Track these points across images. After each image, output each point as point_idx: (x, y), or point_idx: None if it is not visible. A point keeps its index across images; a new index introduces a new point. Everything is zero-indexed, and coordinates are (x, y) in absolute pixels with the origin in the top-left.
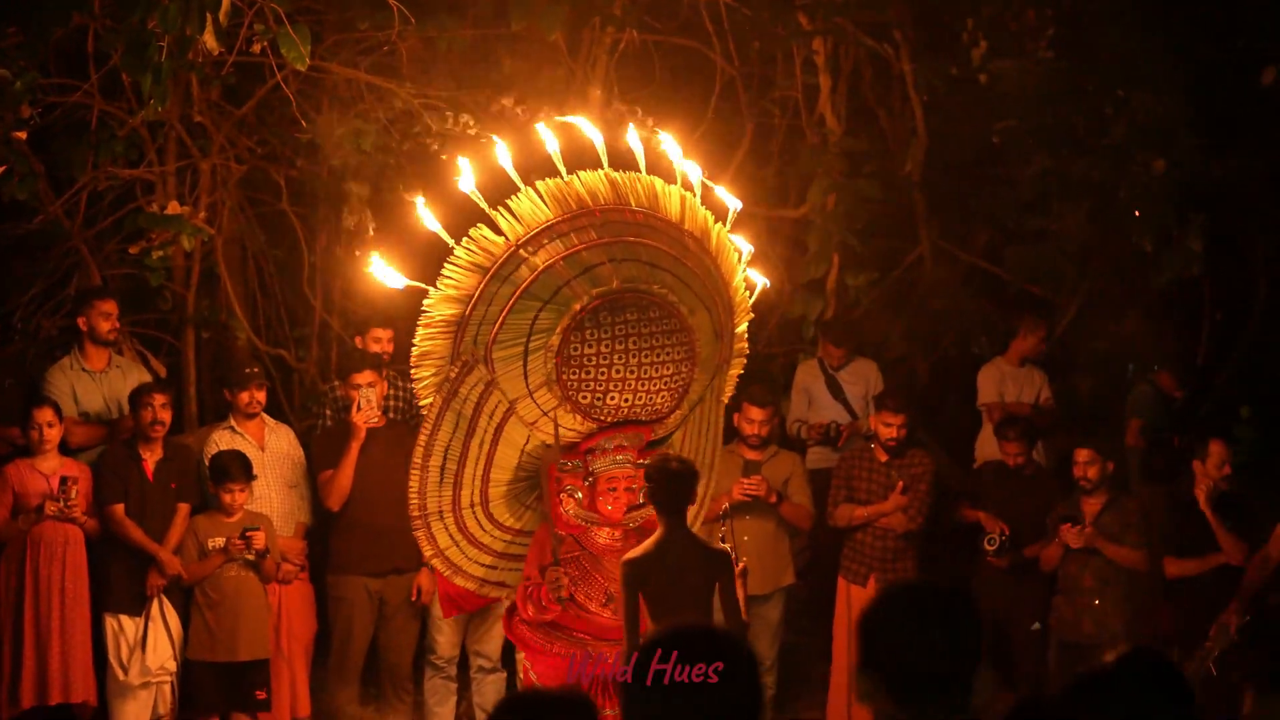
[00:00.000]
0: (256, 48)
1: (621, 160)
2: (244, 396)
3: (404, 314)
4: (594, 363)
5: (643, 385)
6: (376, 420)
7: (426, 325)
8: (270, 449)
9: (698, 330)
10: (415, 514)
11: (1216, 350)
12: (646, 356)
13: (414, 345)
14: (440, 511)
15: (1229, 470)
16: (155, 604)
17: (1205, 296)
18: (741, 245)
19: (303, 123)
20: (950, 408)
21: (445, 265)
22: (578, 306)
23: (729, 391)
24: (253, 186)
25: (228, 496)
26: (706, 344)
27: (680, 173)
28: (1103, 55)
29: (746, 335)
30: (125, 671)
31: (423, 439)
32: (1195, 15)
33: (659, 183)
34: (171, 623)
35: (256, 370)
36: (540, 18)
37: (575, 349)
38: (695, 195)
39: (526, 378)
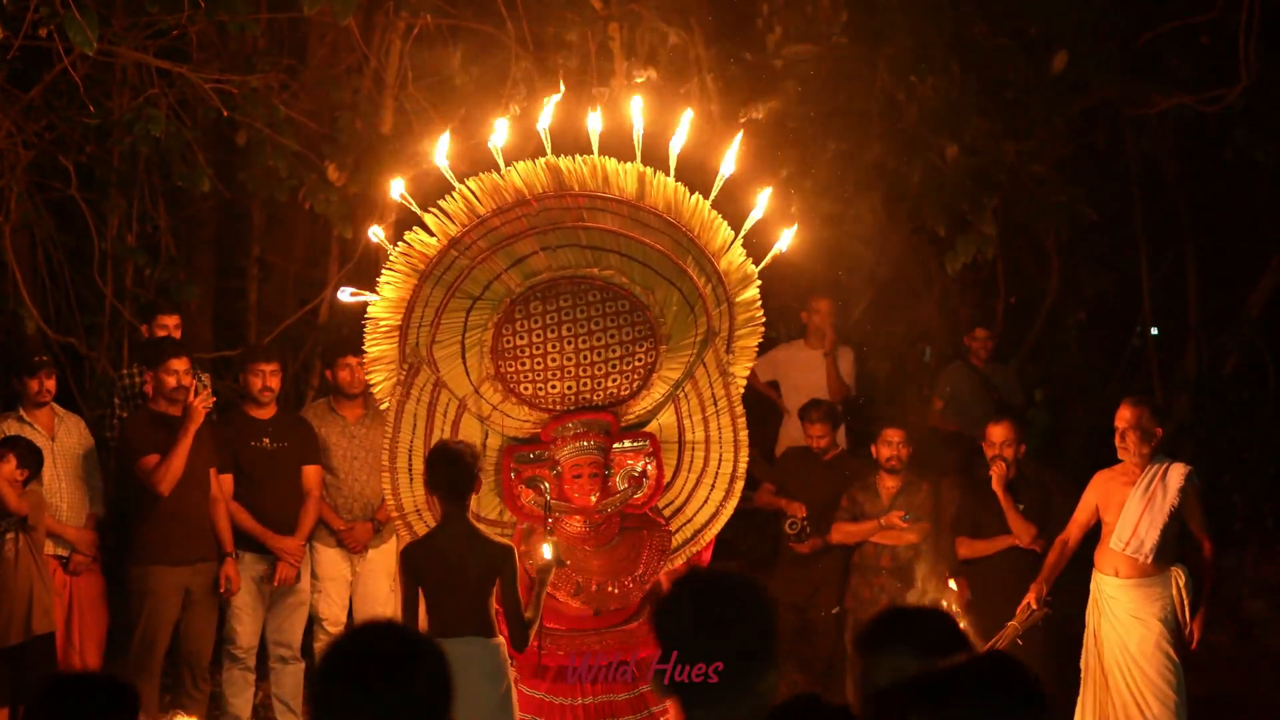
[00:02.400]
0: (43, 32)
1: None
2: (33, 385)
3: (195, 300)
4: (528, 353)
5: (585, 370)
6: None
7: (372, 332)
8: (60, 439)
9: (659, 308)
10: (395, 514)
11: (1010, 333)
12: (584, 341)
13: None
14: (418, 510)
15: (1015, 452)
16: None
17: (999, 280)
18: (759, 209)
19: (91, 108)
20: (749, 392)
21: (382, 271)
22: (508, 299)
23: (744, 363)
24: (41, 172)
25: None
26: (675, 320)
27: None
28: (894, 41)
29: (758, 303)
30: None
31: (386, 441)
32: (986, 2)
33: (610, 162)
34: None
35: (45, 359)
36: (333, 1)
37: (508, 341)
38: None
39: (468, 375)
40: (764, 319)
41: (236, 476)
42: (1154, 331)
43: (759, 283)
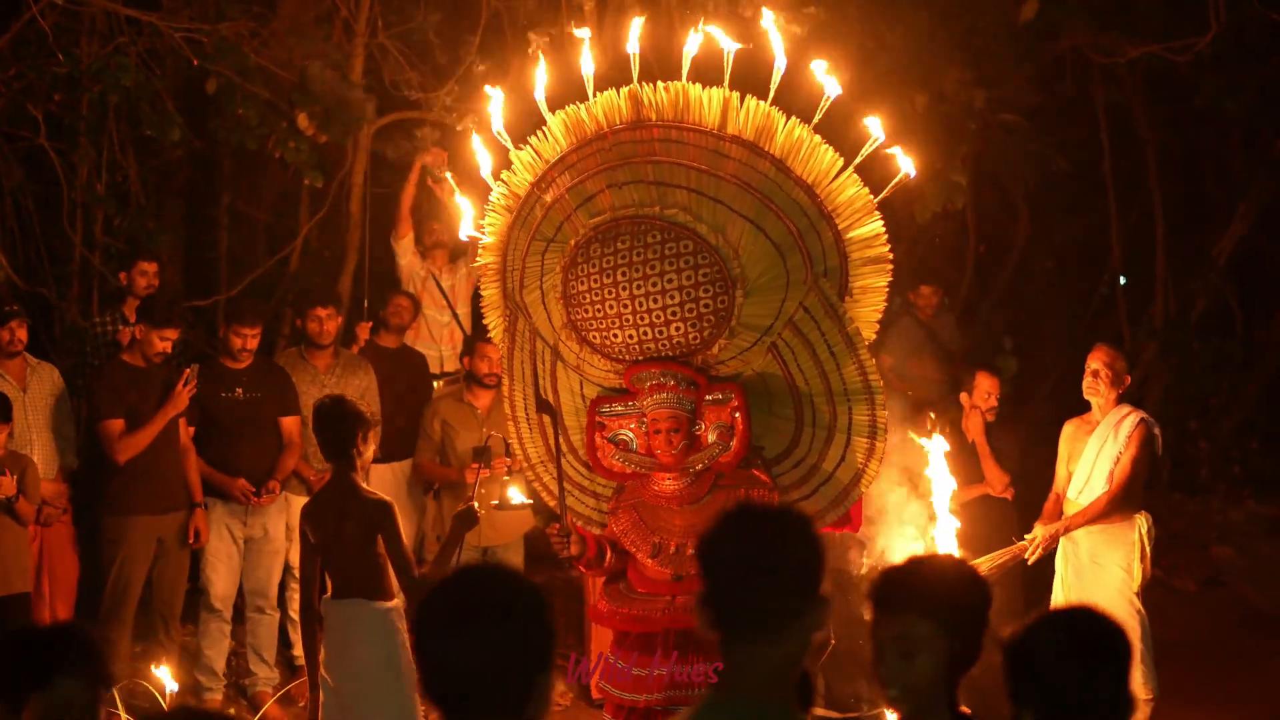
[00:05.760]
0: None
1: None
2: (4, 335)
3: (165, 249)
4: (589, 299)
5: (643, 318)
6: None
7: (483, 274)
8: (32, 389)
9: (732, 248)
10: (524, 465)
11: (980, 282)
12: (639, 287)
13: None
14: (543, 461)
15: (995, 402)
16: None
17: (969, 229)
18: (874, 130)
19: (60, 56)
20: None
21: (486, 212)
22: (573, 241)
23: (870, 304)
24: (9, 122)
25: None
26: (755, 261)
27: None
28: None
29: (882, 238)
30: None
31: (505, 390)
32: None
33: (693, 89)
34: None
35: (16, 308)
36: None
37: (573, 287)
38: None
39: (550, 321)
40: (890, 256)
41: (207, 427)
42: (1122, 280)
43: (878, 216)
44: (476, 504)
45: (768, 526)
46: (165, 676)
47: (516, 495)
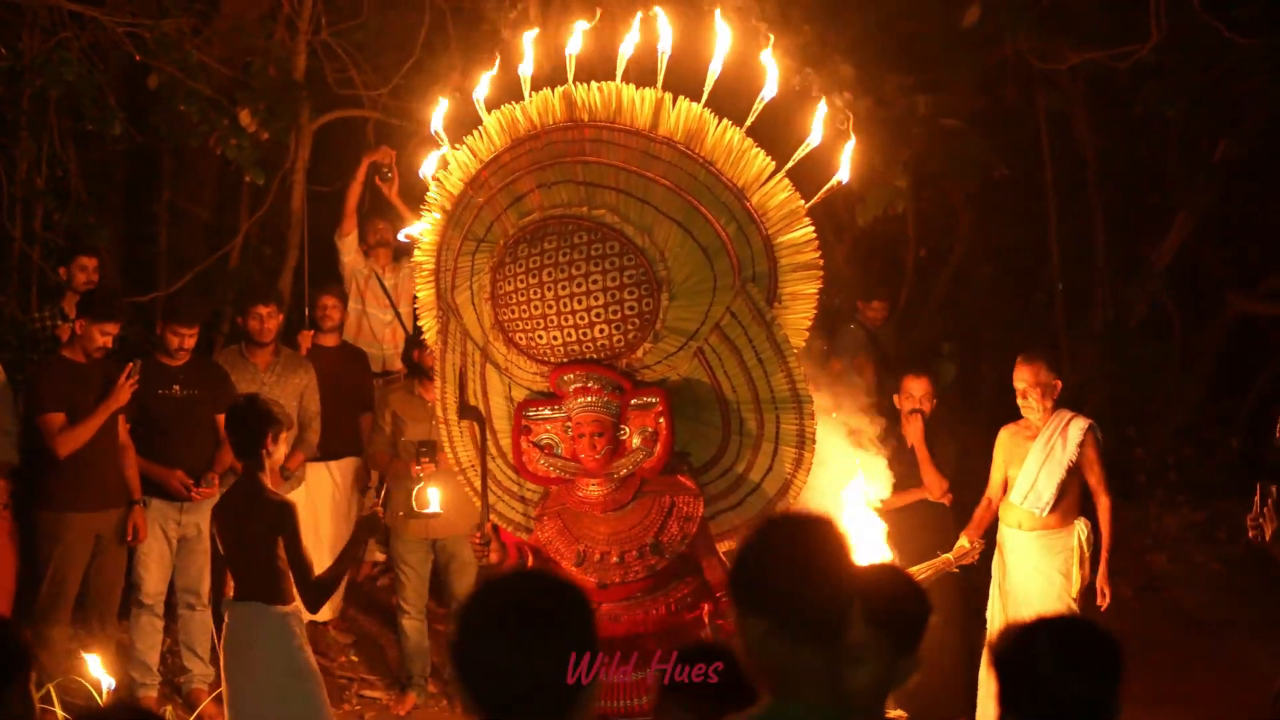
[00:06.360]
0: None
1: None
2: None
3: (104, 244)
4: (515, 300)
5: (567, 320)
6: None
7: (419, 275)
8: None
9: (657, 250)
10: (455, 468)
11: (920, 286)
12: (564, 288)
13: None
14: (473, 465)
15: (928, 406)
16: None
17: (909, 233)
18: (816, 132)
19: (1, 50)
20: None
21: (423, 213)
22: (503, 241)
23: (799, 312)
24: None
25: None
26: (682, 264)
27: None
28: None
29: (812, 244)
30: None
31: (438, 393)
32: None
33: (627, 89)
34: None
35: None
36: None
37: (501, 287)
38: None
39: (480, 322)
40: (821, 262)
41: (144, 423)
42: (1059, 285)
43: (808, 222)
44: (382, 509)
45: (811, 533)
46: (101, 673)
47: (434, 502)
